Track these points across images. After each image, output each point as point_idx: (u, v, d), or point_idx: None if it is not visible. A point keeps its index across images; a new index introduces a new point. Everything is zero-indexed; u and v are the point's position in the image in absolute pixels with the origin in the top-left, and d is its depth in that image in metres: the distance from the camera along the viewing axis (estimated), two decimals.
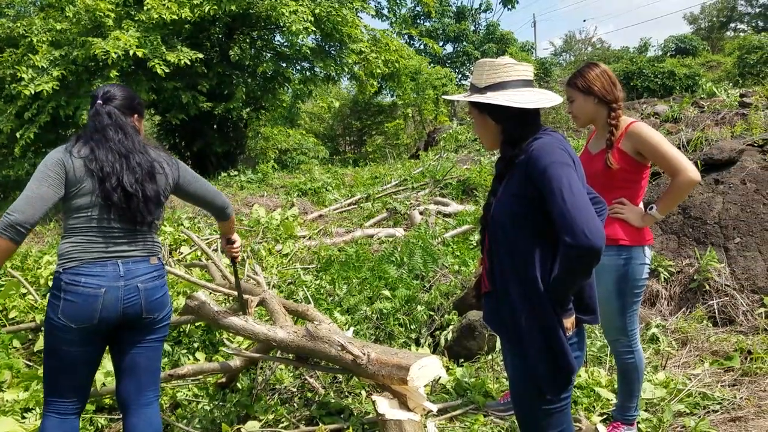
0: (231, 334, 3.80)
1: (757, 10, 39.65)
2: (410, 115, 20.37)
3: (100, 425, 3.63)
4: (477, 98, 2.00)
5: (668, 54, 25.84)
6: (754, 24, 38.82)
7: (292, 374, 3.93)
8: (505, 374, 3.73)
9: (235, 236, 3.05)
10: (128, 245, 2.48)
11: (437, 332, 4.35)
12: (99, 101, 2.56)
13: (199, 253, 5.89)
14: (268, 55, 13.95)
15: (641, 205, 2.88)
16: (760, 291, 4.45)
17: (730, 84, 13.24)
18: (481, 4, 30.18)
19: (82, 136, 2.51)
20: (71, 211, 2.44)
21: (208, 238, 6.45)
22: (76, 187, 2.40)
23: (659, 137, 2.75)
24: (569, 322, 1.90)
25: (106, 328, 2.45)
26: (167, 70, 10.30)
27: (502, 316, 2.01)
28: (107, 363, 3.24)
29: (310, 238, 6.83)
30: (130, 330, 2.53)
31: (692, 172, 2.69)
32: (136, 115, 2.66)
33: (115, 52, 9.68)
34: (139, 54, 9.94)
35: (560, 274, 1.84)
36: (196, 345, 4.35)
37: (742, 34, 34.15)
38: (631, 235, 2.79)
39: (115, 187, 2.40)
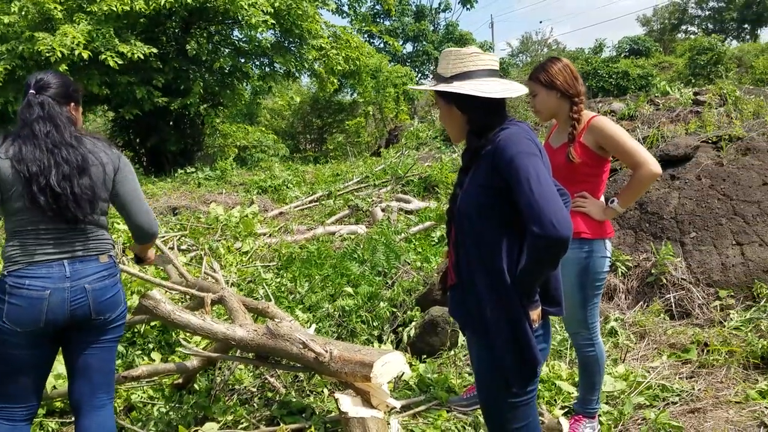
0: (188, 334, 3.68)
1: (707, 12, 41.04)
2: (371, 113, 20.32)
3: (50, 429, 3.49)
4: (443, 87, 1.97)
5: (622, 55, 26.41)
6: (704, 26, 40.17)
7: (252, 374, 3.85)
8: (468, 369, 3.74)
9: (150, 254, 3.00)
10: (72, 245, 2.36)
11: (400, 329, 4.33)
12: (32, 91, 2.36)
13: (153, 250, 5.72)
14: (227, 50, 13.72)
15: (602, 198, 2.89)
16: (715, 284, 4.54)
17: (682, 84, 13.59)
18: (440, 4, 30.32)
19: (12, 133, 2.35)
20: (9, 214, 2.32)
21: (163, 236, 6.28)
22: (9, 190, 2.27)
23: (621, 131, 2.77)
24: (535, 313, 1.89)
25: (54, 331, 2.36)
26: (120, 62, 10.04)
27: (468, 307, 1.98)
28: (58, 365, 3.12)
29: (270, 235, 6.73)
30: (79, 331, 2.43)
31: (653, 165, 2.71)
32: (72, 104, 2.47)
33: (61, 51, 9.37)
34: (85, 55, 9.67)
35: (527, 265, 1.82)
36: (151, 345, 4.22)
37: (693, 36, 35.21)
38: (592, 229, 2.80)
39: (43, 188, 2.25)
